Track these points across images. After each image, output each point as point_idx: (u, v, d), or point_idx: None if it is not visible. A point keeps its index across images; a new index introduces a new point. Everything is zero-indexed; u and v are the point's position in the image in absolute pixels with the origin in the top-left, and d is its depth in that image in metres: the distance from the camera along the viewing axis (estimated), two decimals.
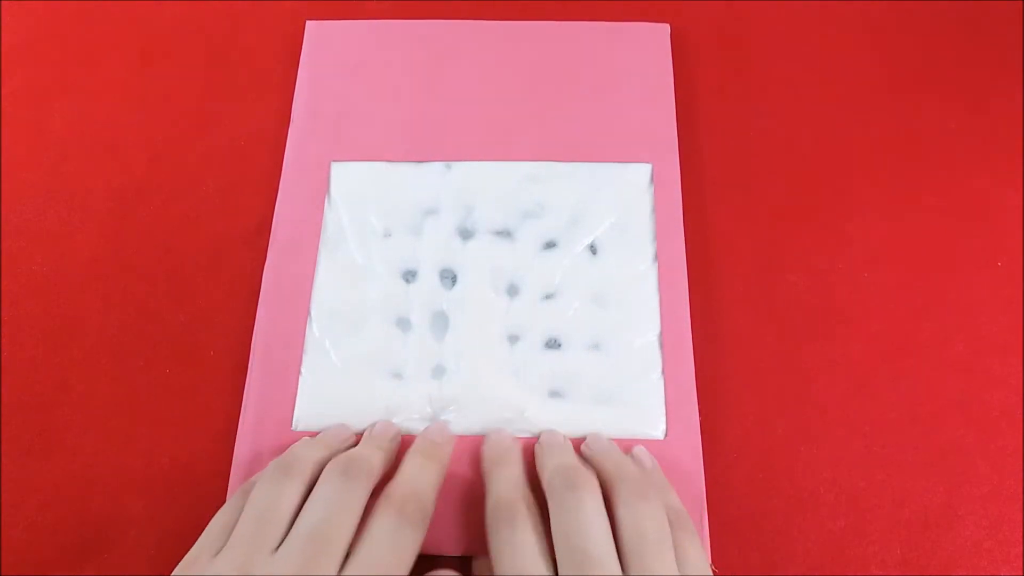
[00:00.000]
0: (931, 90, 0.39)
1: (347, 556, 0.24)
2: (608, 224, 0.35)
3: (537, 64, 0.38)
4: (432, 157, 0.36)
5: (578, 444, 0.30)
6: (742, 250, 0.35)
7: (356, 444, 0.30)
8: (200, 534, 0.26)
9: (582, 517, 0.25)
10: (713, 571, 0.26)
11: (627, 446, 0.30)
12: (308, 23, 0.40)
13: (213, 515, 0.26)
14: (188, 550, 0.25)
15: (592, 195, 0.35)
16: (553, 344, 0.33)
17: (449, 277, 0.34)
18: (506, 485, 0.27)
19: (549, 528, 0.25)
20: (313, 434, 0.30)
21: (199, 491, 0.31)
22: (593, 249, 0.34)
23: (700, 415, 0.32)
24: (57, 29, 0.41)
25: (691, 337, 0.32)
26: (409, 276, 0.34)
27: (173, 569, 0.24)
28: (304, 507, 0.25)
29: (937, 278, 0.35)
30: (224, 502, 0.28)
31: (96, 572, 0.30)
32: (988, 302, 0.34)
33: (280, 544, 0.24)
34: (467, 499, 0.30)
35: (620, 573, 0.24)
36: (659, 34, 0.39)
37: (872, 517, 0.31)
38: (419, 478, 0.27)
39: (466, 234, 0.35)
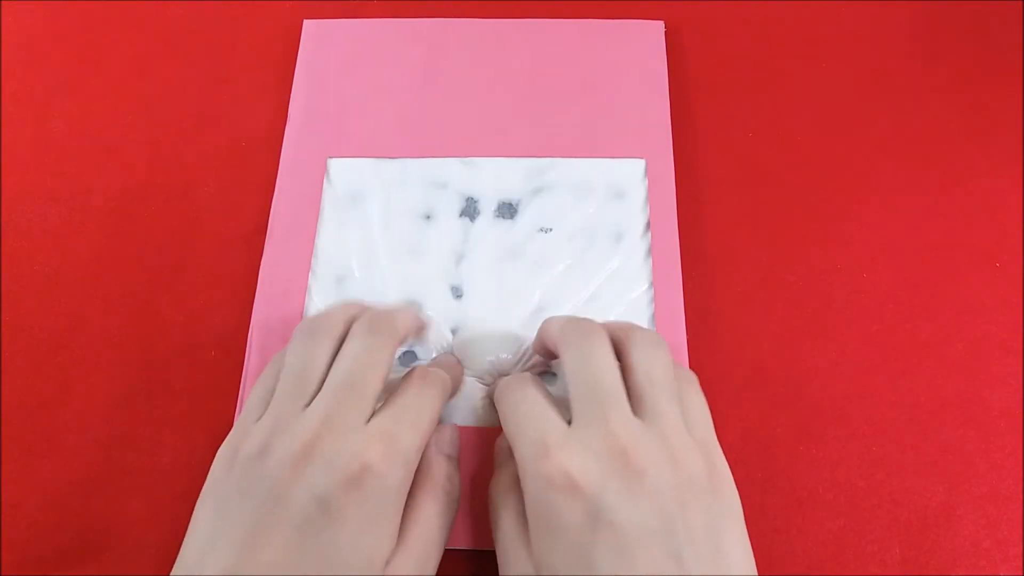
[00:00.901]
0: (931, 89, 0.39)
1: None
2: (601, 220, 0.35)
3: (532, 62, 0.38)
4: (429, 153, 0.36)
5: None
6: (740, 249, 0.35)
7: None
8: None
9: (595, 358, 0.26)
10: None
11: None
12: (305, 22, 0.40)
13: None
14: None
15: (586, 191, 0.35)
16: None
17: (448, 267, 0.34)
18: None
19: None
20: None
21: (199, 491, 0.31)
22: (586, 245, 0.34)
23: None
24: (57, 29, 0.41)
25: (686, 336, 0.32)
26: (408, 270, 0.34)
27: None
28: (334, 364, 0.26)
29: (937, 278, 0.35)
30: None
31: (96, 572, 0.30)
32: (988, 302, 0.34)
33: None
34: (473, 492, 0.30)
35: (629, 408, 0.25)
36: (653, 31, 0.39)
37: (871, 517, 0.31)
38: (436, 366, 0.29)
39: (464, 227, 0.35)
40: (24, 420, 0.33)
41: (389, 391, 0.27)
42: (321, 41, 0.39)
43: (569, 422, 0.25)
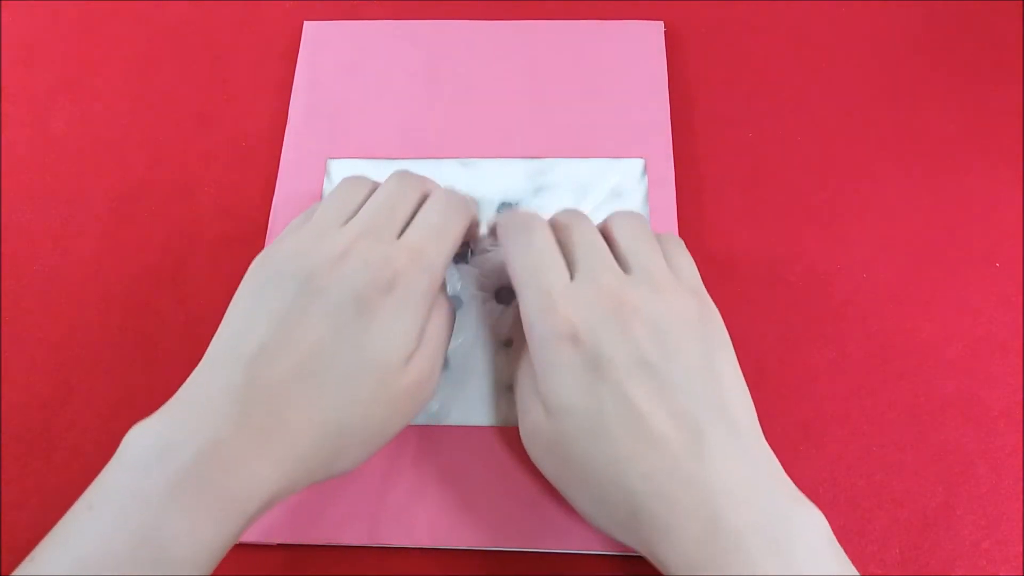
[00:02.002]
0: (930, 90, 0.39)
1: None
2: (601, 220, 0.34)
3: (532, 62, 0.38)
4: (429, 154, 0.36)
5: None
6: (740, 249, 0.35)
7: None
8: None
9: (584, 227, 0.28)
10: None
11: None
12: (306, 24, 0.40)
13: None
14: None
15: (586, 190, 0.35)
16: None
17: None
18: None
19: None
20: None
21: None
22: None
23: None
24: (57, 29, 0.41)
25: None
26: None
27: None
28: (370, 198, 0.29)
29: (937, 278, 0.35)
30: None
31: None
32: (987, 302, 0.34)
33: None
34: (475, 492, 0.30)
35: (619, 267, 0.27)
36: (653, 31, 0.39)
37: (871, 517, 0.31)
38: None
39: None
40: (24, 420, 0.33)
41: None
42: (321, 43, 0.39)
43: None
